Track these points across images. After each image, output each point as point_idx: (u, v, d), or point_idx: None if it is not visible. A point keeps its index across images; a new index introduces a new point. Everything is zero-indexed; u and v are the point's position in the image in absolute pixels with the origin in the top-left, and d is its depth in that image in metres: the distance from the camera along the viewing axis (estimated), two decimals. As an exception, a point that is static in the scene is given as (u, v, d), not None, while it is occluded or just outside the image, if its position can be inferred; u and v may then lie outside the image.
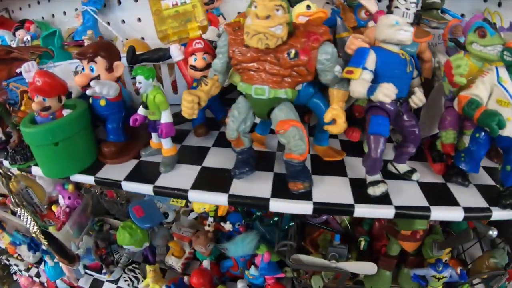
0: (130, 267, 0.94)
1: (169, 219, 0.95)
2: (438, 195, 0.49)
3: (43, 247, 0.91)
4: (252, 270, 0.81)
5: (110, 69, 0.53)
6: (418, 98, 0.47)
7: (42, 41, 0.80)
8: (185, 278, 0.86)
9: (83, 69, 0.53)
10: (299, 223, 0.81)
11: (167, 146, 0.53)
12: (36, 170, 0.59)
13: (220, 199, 0.48)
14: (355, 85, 0.45)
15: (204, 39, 0.58)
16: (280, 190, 0.49)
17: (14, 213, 1.00)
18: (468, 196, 0.49)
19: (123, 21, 0.89)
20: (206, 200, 0.49)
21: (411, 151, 0.50)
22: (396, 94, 0.42)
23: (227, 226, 0.88)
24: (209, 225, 0.89)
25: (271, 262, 0.78)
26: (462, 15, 0.76)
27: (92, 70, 0.52)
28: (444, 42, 0.62)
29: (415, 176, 0.52)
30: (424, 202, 0.47)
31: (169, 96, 0.59)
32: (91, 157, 0.58)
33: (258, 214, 0.81)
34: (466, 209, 0.46)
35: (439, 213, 0.46)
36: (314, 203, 0.46)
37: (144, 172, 0.54)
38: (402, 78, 0.46)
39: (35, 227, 0.74)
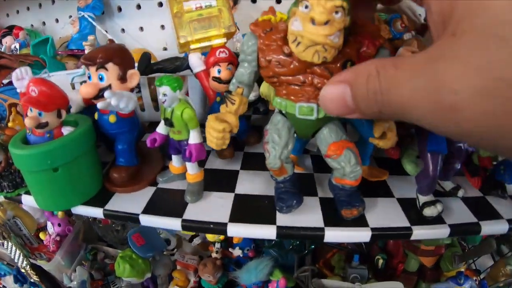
0: (130, 300, 0.80)
1: (171, 246, 0.84)
2: (483, 209, 0.45)
3: (32, 280, 0.76)
4: (266, 297, 0.71)
5: (123, 78, 0.42)
6: None
7: (32, 49, 0.68)
8: (193, 311, 0.74)
9: (89, 77, 0.42)
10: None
11: (193, 171, 0.42)
12: (27, 200, 0.47)
13: (267, 233, 0.38)
14: None
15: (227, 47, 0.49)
16: (332, 216, 0.41)
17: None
18: (508, 209, 0.45)
19: (123, 30, 0.78)
20: (251, 235, 0.38)
21: (457, 167, 0.46)
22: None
23: (236, 252, 0.78)
24: (216, 252, 0.78)
25: None
26: None
27: (101, 78, 0.41)
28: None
29: (460, 193, 0.47)
30: (473, 218, 0.42)
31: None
32: (97, 185, 0.46)
33: (276, 240, 0.71)
34: (510, 221, 0.42)
35: (488, 228, 0.42)
36: (372, 229, 0.39)
37: (165, 203, 0.43)
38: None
39: (25, 262, 0.60)
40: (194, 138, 0.40)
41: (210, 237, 0.69)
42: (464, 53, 0.15)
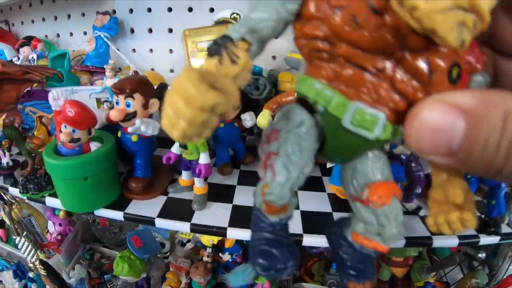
0: (125, 298, 0.91)
1: (165, 249, 0.96)
2: None
3: (30, 275, 0.87)
4: (252, 300, 0.83)
5: (146, 105, 0.54)
6: None
7: (50, 62, 0.79)
8: (185, 310, 0.85)
9: (117, 103, 0.54)
10: None
11: (200, 185, 0.54)
12: (51, 201, 0.58)
13: (258, 238, 0.50)
14: None
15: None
16: (309, 226, 0.52)
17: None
18: None
19: (134, 50, 0.90)
20: (246, 237, 0.51)
21: (417, 192, 0.57)
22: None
23: (225, 257, 0.90)
24: (208, 256, 0.90)
25: None
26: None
27: (128, 105, 0.53)
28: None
29: (422, 212, 0.59)
30: (427, 233, 0.54)
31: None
32: (116, 192, 0.57)
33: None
34: (460, 237, 0.54)
35: (440, 241, 0.53)
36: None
37: (176, 209, 0.54)
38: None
39: (35, 257, 0.70)
40: (203, 159, 0.52)
41: (204, 241, 0.80)
42: None
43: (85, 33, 0.91)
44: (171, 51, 0.85)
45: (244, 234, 0.51)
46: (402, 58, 0.18)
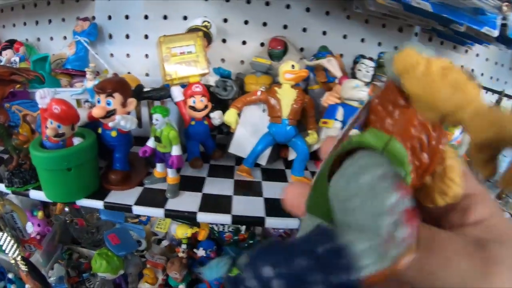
0: (103, 295, 0.96)
1: (141, 247, 1.01)
2: None
3: (9, 276, 0.90)
4: (226, 292, 0.90)
5: (124, 104, 0.62)
6: None
7: (32, 64, 0.85)
8: (162, 304, 0.91)
9: (99, 101, 0.61)
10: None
11: (172, 175, 0.62)
12: (35, 194, 0.63)
13: (225, 219, 0.58)
14: (329, 132, 0.60)
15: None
16: (271, 210, 0.61)
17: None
18: None
19: (112, 54, 0.97)
20: (213, 220, 0.59)
21: None
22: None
23: (200, 252, 0.97)
24: (183, 252, 0.96)
25: None
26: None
27: (108, 104, 0.60)
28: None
29: None
30: None
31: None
32: (96, 184, 0.64)
33: (235, 238, 0.91)
34: None
35: None
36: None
37: (151, 198, 0.62)
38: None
39: (17, 253, 0.75)
40: (176, 151, 0.59)
41: (178, 233, 0.87)
42: None
43: (65, 37, 0.97)
44: (146, 56, 0.93)
45: (212, 218, 0.59)
46: None
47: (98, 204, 0.60)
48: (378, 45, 0.98)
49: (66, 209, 1.02)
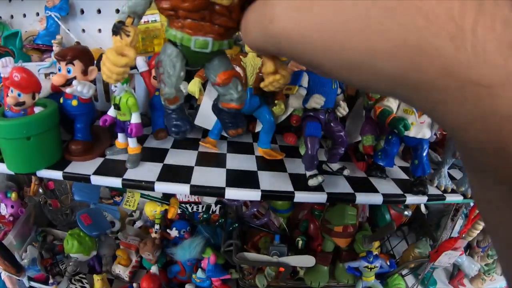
0: (77, 277, 1.02)
1: (115, 228, 1.07)
2: (362, 186, 0.70)
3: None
4: (199, 273, 0.95)
5: (85, 72, 0.66)
6: (342, 108, 0.68)
7: (3, 40, 0.91)
8: (135, 285, 0.97)
9: (59, 69, 0.66)
10: (241, 227, 0.98)
11: (133, 145, 0.67)
12: (-1, 167, 0.69)
13: (183, 189, 0.63)
14: (293, 98, 0.64)
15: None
16: (234, 181, 0.65)
17: None
18: (387, 186, 0.71)
19: (84, 30, 1.02)
20: (170, 190, 0.64)
21: (340, 152, 0.70)
22: (325, 105, 0.63)
23: (173, 233, 1.03)
24: (155, 232, 1.02)
25: (217, 264, 0.94)
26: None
27: (69, 71, 0.65)
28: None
29: (346, 172, 0.72)
30: (350, 190, 0.67)
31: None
32: (58, 155, 0.69)
33: (205, 216, 0.95)
34: (385, 195, 0.67)
35: (363, 198, 0.66)
36: (262, 191, 0.64)
37: (111, 168, 0.67)
38: (329, 93, 0.66)
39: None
40: (135, 118, 0.65)
41: (147, 210, 0.93)
42: None
43: (37, 14, 1.03)
44: (119, 30, 0.97)
45: (169, 187, 0.64)
46: (213, 9, 0.36)
47: (57, 174, 0.66)
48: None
49: (40, 190, 1.08)
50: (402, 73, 0.18)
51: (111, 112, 0.67)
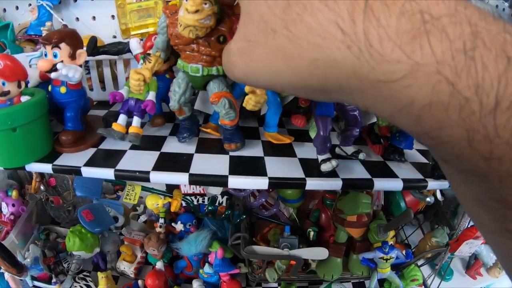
0: (81, 275, 0.97)
1: (119, 223, 1.01)
2: (380, 170, 0.63)
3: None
4: (207, 268, 0.89)
5: (73, 56, 0.60)
6: None
7: (-6, 33, 0.85)
8: (140, 282, 0.91)
9: (45, 55, 0.60)
10: (249, 219, 0.92)
11: (136, 124, 0.63)
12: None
13: (181, 179, 0.57)
14: None
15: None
16: (237, 168, 0.59)
17: None
18: (405, 171, 0.64)
19: (77, 18, 0.96)
20: (167, 180, 0.57)
21: (355, 133, 0.63)
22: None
23: (178, 227, 0.97)
24: (160, 227, 0.95)
25: (225, 258, 0.88)
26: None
27: (55, 56, 0.59)
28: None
29: (361, 156, 0.64)
30: (367, 175, 0.60)
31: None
32: (48, 147, 0.63)
33: (210, 208, 0.89)
34: (405, 180, 0.60)
35: (381, 183, 0.59)
36: (270, 178, 0.57)
37: (104, 159, 0.61)
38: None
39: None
40: (152, 96, 0.63)
41: (148, 204, 0.86)
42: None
43: (29, 5, 0.97)
44: (113, 17, 0.91)
45: (169, 177, 0.58)
46: (198, 42, 0.53)
47: (46, 167, 0.60)
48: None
49: (42, 187, 1.03)
50: (324, 84, 0.20)
51: (125, 91, 0.63)
